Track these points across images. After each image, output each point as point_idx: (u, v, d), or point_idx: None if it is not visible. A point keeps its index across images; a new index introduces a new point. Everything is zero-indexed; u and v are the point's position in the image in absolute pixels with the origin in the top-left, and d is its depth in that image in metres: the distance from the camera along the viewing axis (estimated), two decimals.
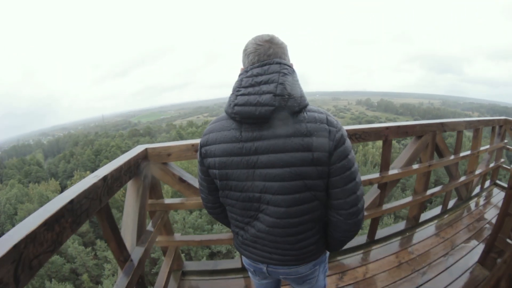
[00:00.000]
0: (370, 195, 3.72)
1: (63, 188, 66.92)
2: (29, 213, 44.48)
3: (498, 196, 5.45)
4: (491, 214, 4.71)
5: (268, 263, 1.69)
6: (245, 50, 1.50)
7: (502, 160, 5.75)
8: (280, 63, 1.41)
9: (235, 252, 28.12)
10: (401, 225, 4.30)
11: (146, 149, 2.75)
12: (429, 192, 4.22)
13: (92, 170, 73.80)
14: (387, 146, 3.43)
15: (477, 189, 5.63)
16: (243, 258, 1.85)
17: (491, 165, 5.57)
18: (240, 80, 1.44)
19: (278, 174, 1.40)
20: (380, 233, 4.02)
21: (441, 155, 4.18)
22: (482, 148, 4.99)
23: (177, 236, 3.22)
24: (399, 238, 4.02)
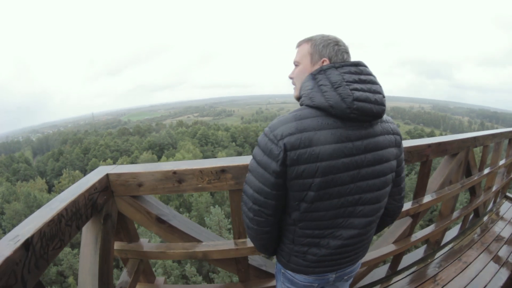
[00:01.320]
0: (399, 225, 3.20)
1: (50, 187, 66.64)
2: (16, 212, 45.38)
3: (511, 211, 5.18)
4: (508, 232, 4.45)
5: (339, 269, 1.65)
6: (337, 44, 1.48)
7: None
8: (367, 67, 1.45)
9: None
10: (421, 250, 3.85)
11: (106, 176, 1.93)
12: (455, 214, 3.78)
13: (81, 169, 74.96)
14: (426, 168, 2.90)
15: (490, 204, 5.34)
16: (299, 276, 1.67)
17: (505, 179, 5.23)
18: (341, 75, 1.37)
19: (382, 170, 1.45)
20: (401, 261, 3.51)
21: (469, 172, 3.74)
22: (501, 163, 4.64)
23: (160, 283, 2.51)
24: (421, 266, 3.57)
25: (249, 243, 2.12)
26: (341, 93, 1.30)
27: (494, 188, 4.73)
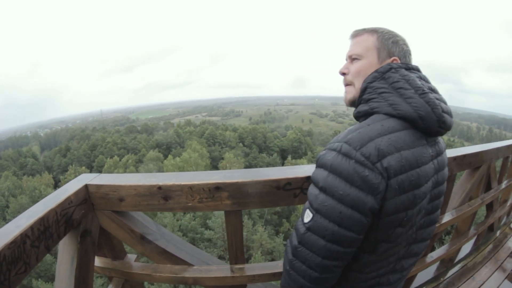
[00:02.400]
0: None
1: (56, 183, 67.24)
2: (21, 206, 45.63)
3: None
4: None
5: None
6: (405, 44, 1.29)
7: None
8: None
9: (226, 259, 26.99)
10: (433, 268, 3.56)
11: (85, 187, 1.64)
12: (472, 231, 3.56)
13: (88, 166, 75.50)
14: (450, 183, 2.66)
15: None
16: None
17: None
18: (419, 79, 1.20)
19: (443, 189, 1.31)
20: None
21: (489, 186, 3.51)
22: None
23: None
24: (434, 285, 3.33)
25: (248, 270, 1.85)
26: (429, 102, 1.10)
27: (509, 202, 4.46)
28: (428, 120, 1.10)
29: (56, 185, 66.18)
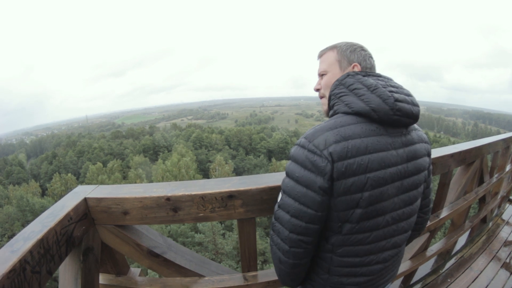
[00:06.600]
0: (418, 241, 3.01)
1: (44, 191, 66.22)
2: (8, 216, 44.87)
3: None
4: None
5: None
6: (363, 49, 1.47)
7: None
8: None
9: (221, 261, 26.78)
10: (431, 261, 3.63)
11: (84, 201, 1.54)
12: (467, 224, 3.65)
13: (75, 173, 74.50)
14: (447, 179, 2.76)
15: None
16: None
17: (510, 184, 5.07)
18: (376, 79, 1.34)
19: (419, 180, 1.40)
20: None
21: (482, 180, 3.61)
22: (508, 168, 4.48)
23: None
24: (433, 278, 3.41)
25: (261, 277, 1.83)
26: (380, 95, 1.24)
27: (500, 194, 4.61)
28: (380, 110, 1.23)
29: (44, 193, 65.21)
